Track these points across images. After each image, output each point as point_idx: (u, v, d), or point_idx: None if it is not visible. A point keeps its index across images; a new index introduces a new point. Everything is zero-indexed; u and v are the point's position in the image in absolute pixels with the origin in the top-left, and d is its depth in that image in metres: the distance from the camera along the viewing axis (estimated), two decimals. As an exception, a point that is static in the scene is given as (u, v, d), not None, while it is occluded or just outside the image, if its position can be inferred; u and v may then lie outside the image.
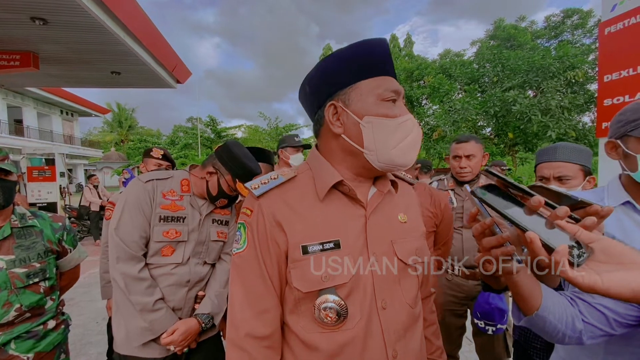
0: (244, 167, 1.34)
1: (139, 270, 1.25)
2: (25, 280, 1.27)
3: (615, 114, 0.93)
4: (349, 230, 0.72)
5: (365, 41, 0.73)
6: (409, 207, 0.86)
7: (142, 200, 1.28)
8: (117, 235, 1.25)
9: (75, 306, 3.96)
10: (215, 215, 1.44)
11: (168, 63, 6.52)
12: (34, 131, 19.60)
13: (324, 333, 0.69)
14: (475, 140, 1.93)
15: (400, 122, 0.71)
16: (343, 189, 0.75)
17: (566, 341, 0.70)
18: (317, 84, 0.76)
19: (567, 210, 0.54)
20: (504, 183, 0.65)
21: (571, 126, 10.17)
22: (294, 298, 0.71)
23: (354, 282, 0.70)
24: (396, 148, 0.71)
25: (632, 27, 2.53)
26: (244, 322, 0.71)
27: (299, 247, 0.69)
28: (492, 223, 0.60)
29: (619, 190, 0.92)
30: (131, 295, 1.23)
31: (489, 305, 1.56)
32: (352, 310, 0.69)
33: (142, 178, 1.33)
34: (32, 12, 4.13)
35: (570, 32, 14.31)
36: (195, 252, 1.36)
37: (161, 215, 1.29)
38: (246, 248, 0.73)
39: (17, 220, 1.32)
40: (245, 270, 0.73)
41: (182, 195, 1.36)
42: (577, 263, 0.50)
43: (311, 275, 0.69)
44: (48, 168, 7.66)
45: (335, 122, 0.74)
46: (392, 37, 22.11)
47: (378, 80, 0.72)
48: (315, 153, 0.81)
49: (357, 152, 0.73)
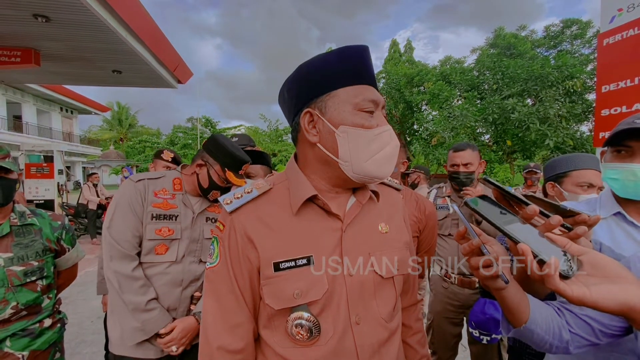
0: (231, 156, 1.35)
1: (132, 269, 1.25)
2: (22, 278, 1.26)
3: (612, 124, 0.96)
4: (323, 244, 0.71)
5: (346, 47, 0.70)
6: (392, 216, 0.83)
7: (133, 199, 1.29)
8: (110, 234, 1.27)
9: (70, 304, 3.94)
10: (210, 214, 1.44)
11: (170, 63, 6.53)
12: (33, 128, 19.53)
13: (297, 348, 0.68)
14: (471, 148, 1.95)
15: (377, 134, 0.69)
16: (318, 202, 0.73)
17: (553, 351, 0.72)
18: (294, 89, 0.73)
19: (560, 219, 0.55)
20: (500, 191, 0.66)
21: (569, 135, 10.24)
22: (267, 314, 0.70)
23: (327, 299, 0.68)
24: (371, 159, 0.69)
25: (631, 38, 2.56)
26: (217, 336, 0.70)
27: (271, 264, 0.68)
28: (480, 244, 0.59)
29: (611, 201, 0.95)
30: (124, 295, 1.23)
31: (484, 315, 1.57)
32: (325, 327, 0.68)
33: (134, 178, 1.35)
34: (35, 9, 4.14)
35: (570, 42, 14.43)
36: (190, 250, 1.36)
37: (153, 214, 1.31)
38: (218, 263, 0.72)
39: (17, 218, 1.32)
40: (217, 284, 0.72)
41: (174, 194, 1.38)
42: (567, 276, 0.51)
43: (283, 293, 0.67)
44: (46, 165, 7.63)
45: (311, 130, 0.71)
46: (393, 42, 22.23)
47: (356, 89, 0.69)
48: (292, 163, 0.79)
49: (332, 162, 0.71)
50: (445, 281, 2.02)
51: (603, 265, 0.52)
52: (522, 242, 0.54)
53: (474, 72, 13.33)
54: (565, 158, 1.47)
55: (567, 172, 1.43)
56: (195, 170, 1.39)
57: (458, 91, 13.13)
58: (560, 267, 0.51)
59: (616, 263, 0.53)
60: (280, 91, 0.78)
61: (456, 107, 11.94)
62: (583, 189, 1.37)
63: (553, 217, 0.55)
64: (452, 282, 1.98)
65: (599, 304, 0.50)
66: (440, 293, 2.06)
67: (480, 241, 0.59)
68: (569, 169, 1.43)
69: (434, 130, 12.12)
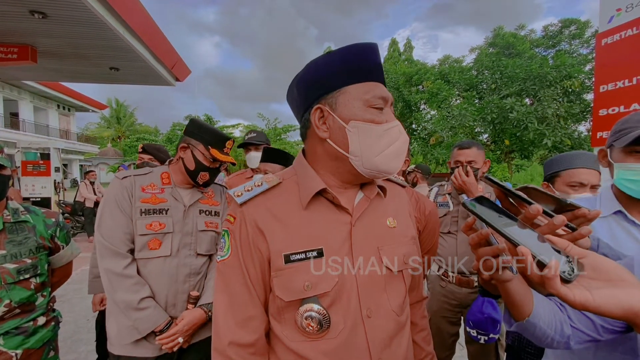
0: (213, 133, 1.37)
1: (123, 267, 1.24)
2: (15, 275, 1.25)
3: (610, 123, 0.96)
4: (333, 237, 0.72)
5: (356, 45, 0.71)
6: (398, 211, 0.84)
7: (119, 196, 1.29)
8: (100, 233, 1.27)
9: (66, 303, 3.92)
10: (202, 206, 1.43)
11: (168, 60, 6.50)
12: (29, 125, 19.42)
13: (308, 342, 0.68)
14: (477, 146, 1.94)
15: (387, 129, 0.70)
16: (327, 195, 0.74)
17: (554, 345, 0.71)
18: (304, 86, 0.75)
19: (563, 219, 0.53)
20: (502, 190, 0.65)
21: (567, 135, 10.28)
22: (277, 306, 0.71)
23: (337, 291, 0.69)
24: (381, 154, 0.70)
25: (629, 38, 2.57)
26: (228, 330, 0.71)
27: (282, 256, 0.69)
28: (488, 234, 0.59)
29: (611, 199, 0.94)
30: (116, 293, 1.22)
31: (482, 315, 1.57)
32: (335, 319, 0.68)
33: (119, 175, 1.35)
34: (32, 6, 4.10)
35: (568, 42, 14.46)
36: (184, 243, 1.35)
37: (142, 209, 1.30)
38: (230, 256, 0.73)
39: (10, 215, 1.30)
40: (229, 277, 0.73)
41: (163, 188, 1.37)
42: (568, 279, 0.49)
43: (294, 284, 0.68)
44: (43, 162, 7.60)
45: (322, 126, 0.73)
46: (392, 41, 22.22)
47: (366, 86, 0.71)
48: (300, 158, 0.80)
49: (342, 157, 0.72)
50: (443, 280, 2.01)
51: (606, 269, 0.51)
52: (522, 244, 0.52)
53: (473, 71, 13.35)
54: (559, 157, 1.46)
55: (558, 171, 1.43)
56: (180, 155, 1.39)
57: (457, 90, 13.14)
58: (560, 269, 0.49)
59: (619, 266, 0.51)
60: (289, 88, 0.79)
61: (455, 107, 11.96)
62: (574, 189, 1.37)
63: (557, 217, 0.53)
64: (450, 281, 1.97)
65: (602, 309, 0.49)
66: (437, 292, 2.05)
67: (489, 231, 0.59)
68: (560, 168, 1.42)
69: (433, 130, 12.14)
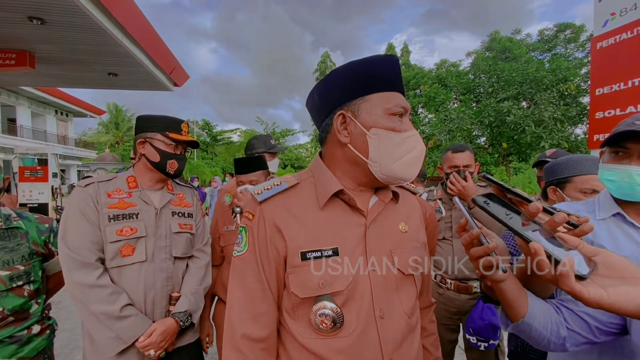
0: (164, 118, 1.35)
1: (96, 278, 1.16)
2: (8, 283, 1.23)
3: (606, 126, 0.96)
4: (348, 238, 0.74)
5: (380, 56, 0.75)
6: (410, 216, 0.86)
7: (83, 205, 1.22)
8: (65, 244, 1.18)
9: (63, 310, 3.87)
10: (175, 208, 1.40)
11: (166, 66, 6.52)
12: (27, 130, 19.40)
13: (320, 339, 0.70)
14: (469, 149, 1.94)
15: (406, 137, 0.73)
16: (344, 197, 0.76)
17: (551, 347, 0.71)
18: (327, 93, 0.78)
19: (565, 216, 0.54)
20: (501, 189, 0.65)
21: (564, 137, 10.34)
22: (292, 303, 0.73)
23: (351, 290, 0.71)
24: (399, 161, 0.73)
25: (623, 42, 2.59)
26: (241, 323, 0.73)
27: (298, 253, 0.71)
28: (479, 234, 0.60)
29: (610, 202, 0.94)
30: (92, 305, 1.15)
31: (482, 321, 1.55)
32: (348, 318, 0.70)
33: (81, 183, 1.28)
34: (30, 12, 4.12)
35: (564, 46, 14.62)
36: (159, 247, 1.30)
37: (110, 215, 1.24)
38: (246, 251, 0.75)
39: (2, 221, 1.29)
40: (244, 272, 0.75)
41: (131, 192, 1.32)
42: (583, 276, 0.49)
43: (309, 282, 0.70)
44: (40, 168, 7.58)
45: (343, 131, 0.75)
46: (389, 46, 22.39)
47: (388, 95, 0.74)
48: (318, 161, 0.83)
49: (361, 162, 0.75)
50: (441, 287, 1.99)
51: (619, 266, 0.50)
52: (535, 240, 0.52)
53: (470, 75, 13.45)
54: (566, 162, 1.40)
55: (569, 177, 1.38)
56: (140, 152, 1.34)
57: (454, 94, 13.23)
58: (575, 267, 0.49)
59: (632, 264, 0.51)
60: (310, 94, 0.83)
61: (452, 110, 12.03)
62: (586, 195, 1.32)
63: (557, 214, 0.54)
64: (448, 287, 1.95)
65: (617, 306, 0.48)
66: (435, 299, 2.03)
67: (480, 231, 0.61)
68: (571, 174, 1.37)
69: (431, 133, 12.19)
